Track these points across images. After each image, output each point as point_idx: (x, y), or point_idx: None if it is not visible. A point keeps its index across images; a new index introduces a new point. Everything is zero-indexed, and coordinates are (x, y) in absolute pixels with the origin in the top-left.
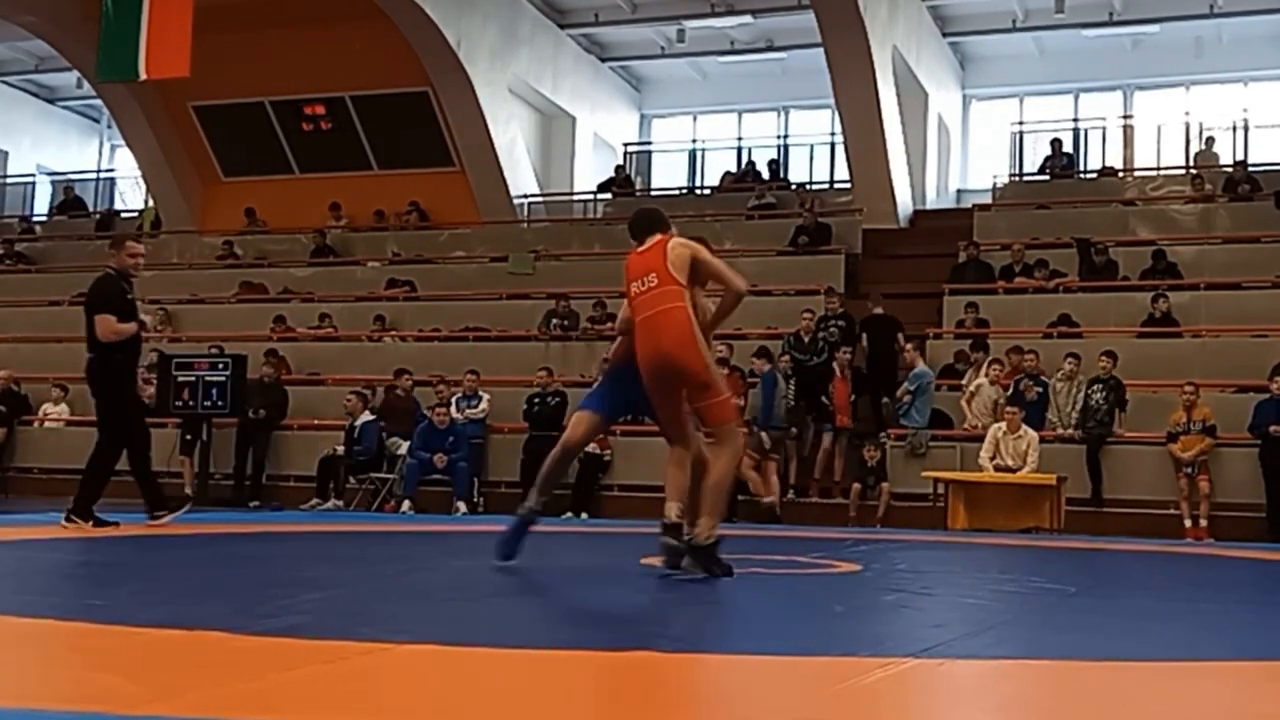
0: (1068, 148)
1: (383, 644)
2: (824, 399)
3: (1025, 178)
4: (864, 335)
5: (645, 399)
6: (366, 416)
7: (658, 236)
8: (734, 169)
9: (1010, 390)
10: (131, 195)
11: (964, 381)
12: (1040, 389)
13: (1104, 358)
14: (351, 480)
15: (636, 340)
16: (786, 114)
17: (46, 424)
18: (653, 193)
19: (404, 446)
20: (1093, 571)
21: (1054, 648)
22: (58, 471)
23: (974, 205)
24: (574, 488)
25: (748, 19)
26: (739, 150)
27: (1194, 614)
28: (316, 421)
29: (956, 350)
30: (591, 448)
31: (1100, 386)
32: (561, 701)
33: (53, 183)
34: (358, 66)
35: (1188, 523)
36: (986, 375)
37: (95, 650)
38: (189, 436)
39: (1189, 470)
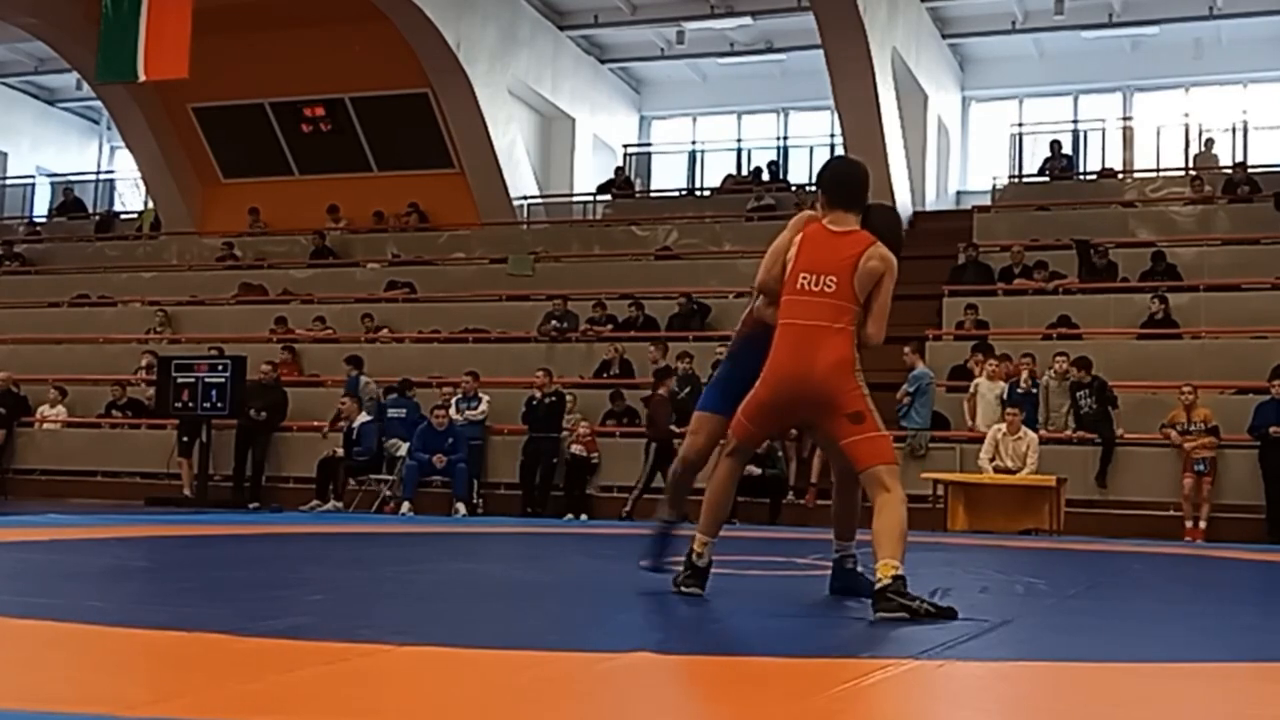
0: (1067, 149)
1: (383, 645)
2: None
3: (1025, 179)
4: None
5: None
6: (364, 417)
7: (856, 227)
8: (734, 170)
9: (1007, 388)
10: (131, 197)
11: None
12: (1034, 390)
13: (1076, 368)
14: (351, 482)
15: (779, 343)
16: (786, 115)
17: (45, 426)
18: (652, 194)
19: (403, 448)
20: (1092, 573)
21: (1053, 649)
22: (57, 473)
23: (973, 207)
24: (565, 489)
25: (747, 20)
26: (738, 152)
27: (1193, 616)
28: (316, 423)
29: (974, 344)
30: (579, 450)
31: (1085, 392)
32: (561, 703)
33: (52, 184)
34: (357, 68)
35: (1189, 524)
36: (985, 374)
37: (95, 651)
38: (186, 438)
39: (1199, 468)
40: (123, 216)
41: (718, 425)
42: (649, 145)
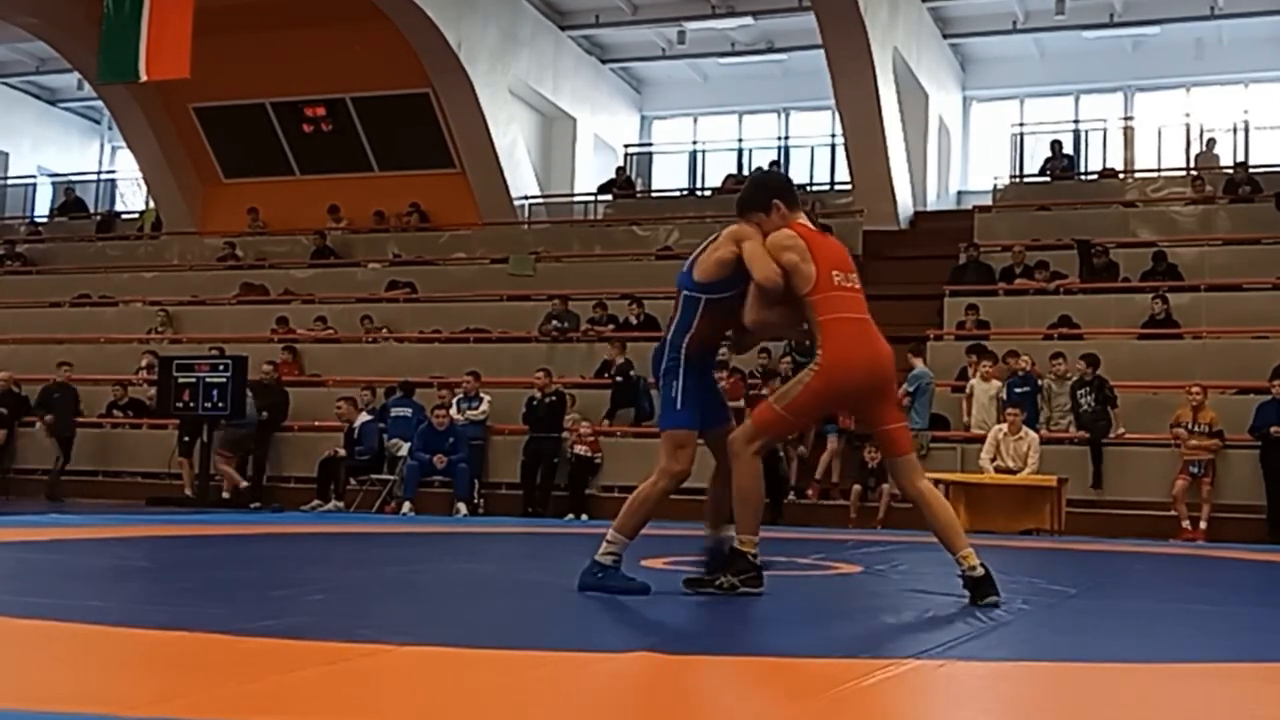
0: (1068, 149)
1: (384, 645)
2: None
3: (1026, 179)
4: None
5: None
6: (365, 417)
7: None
8: (734, 170)
9: (1005, 387)
10: (132, 196)
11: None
12: (1032, 382)
13: (1080, 363)
14: (352, 482)
15: (841, 337)
16: (787, 115)
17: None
18: (653, 194)
19: (404, 448)
20: (1093, 573)
21: (1054, 649)
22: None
23: (974, 207)
24: (567, 490)
25: (748, 20)
26: (739, 152)
27: (1194, 615)
28: (317, 423)
29: (969, 346)
30: (582, 450)
31: (1086, 390)
32: (562, 703)
33: (53, 184)
34: (358, 68)
35: (1186, 524)
36: (980, 374)
37: (95, 651)
38: (187, 438)
39: (1194, 470)
40: (124, 216)
41: (693, 440)
42: (650, 145)
